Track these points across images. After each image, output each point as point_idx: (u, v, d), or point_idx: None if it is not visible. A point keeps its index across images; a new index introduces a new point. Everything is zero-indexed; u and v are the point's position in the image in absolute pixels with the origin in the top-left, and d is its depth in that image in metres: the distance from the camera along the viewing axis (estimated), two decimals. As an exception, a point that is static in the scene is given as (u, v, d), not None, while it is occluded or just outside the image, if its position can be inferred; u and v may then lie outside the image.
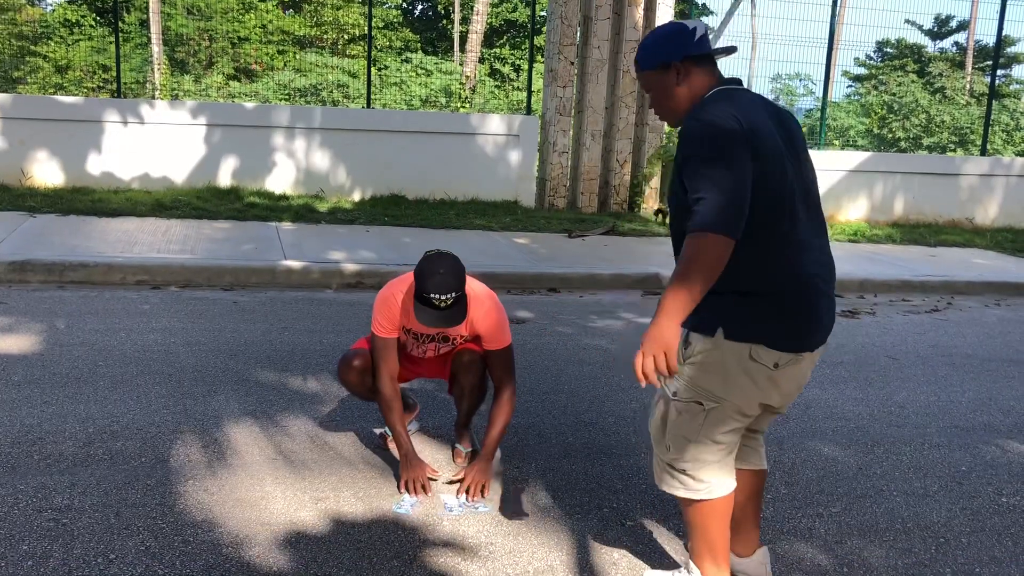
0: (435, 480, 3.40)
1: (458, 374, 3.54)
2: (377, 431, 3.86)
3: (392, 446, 3.74)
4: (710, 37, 2.53)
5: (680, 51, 2.44)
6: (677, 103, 2.49)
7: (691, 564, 2.68)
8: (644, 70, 2.51)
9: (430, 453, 3.75)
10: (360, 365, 3.50)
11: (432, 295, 3.12)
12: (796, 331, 2.43)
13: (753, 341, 2.38)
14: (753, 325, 2.38)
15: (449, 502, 3.29)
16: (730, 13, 12.74)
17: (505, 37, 27.18)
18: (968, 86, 25.82)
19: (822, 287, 2.46)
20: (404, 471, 3.35)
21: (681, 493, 2.56)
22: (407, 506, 3.24)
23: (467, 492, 3.30)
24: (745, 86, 2.53)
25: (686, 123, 2.38)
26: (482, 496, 3.32)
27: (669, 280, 2.27)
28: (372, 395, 3.56)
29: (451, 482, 3.43)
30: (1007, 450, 4.24)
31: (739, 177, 2.25)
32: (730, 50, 2.61)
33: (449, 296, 3.13)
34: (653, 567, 2.94)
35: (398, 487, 3.35)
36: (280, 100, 18.42)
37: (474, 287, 3.37)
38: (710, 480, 2.53)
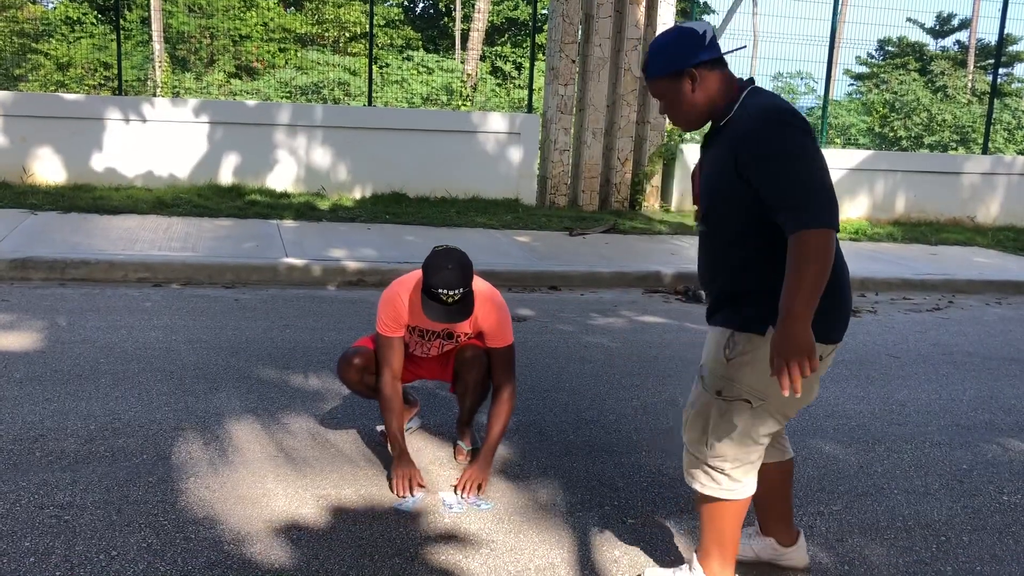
0: (424, 488, 3.38)
1: (461, 370, 3.54)
2: (378, 428, 3.87)
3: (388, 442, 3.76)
4: (712, 35, 2.52)
5: (693, 57, 2.42)
6: (693, 108, 2.48)
7: (695, 562, 2.69)
8: (655, 77, 2.48)
9: (431, 451, 3.75)
10: (360, 363, 3.51)
11: (440, 290, 3.14)
12: (836, 323, 2.48)
13: (816, 340, 2.34)
14: (828, 320, 2.41)
15: (448, 499, 3.29)
16: (731, 11, 12.74)
17: (506, 35, 27.16)
18: (970, 85, 25.80)
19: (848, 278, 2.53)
20: (396, 469, 3.35)
21: (714, 492, 2.56)
22: (410, 503, 3.24)
23: (464, 489, 3.31)
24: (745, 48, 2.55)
25: (750, 123, 2.35)
26: (478, 494, 3.32)
27: (787, 283, 2.25)
28: (372, 393, 3.57)
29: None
30: (1008, 448, 4.24)
31: (825, 168, 2.30)
32: (739, 49, 2.60)
33: (456, 292, 3.14)
34: (654, 565, 2.94)
35: (390, 487, 3.35)
36: (281, 98, 18.41)
37: (478, 285, 3.38)
38: (745, 480, 2.56)
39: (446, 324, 3.34)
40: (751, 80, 2.50)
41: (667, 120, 2.61)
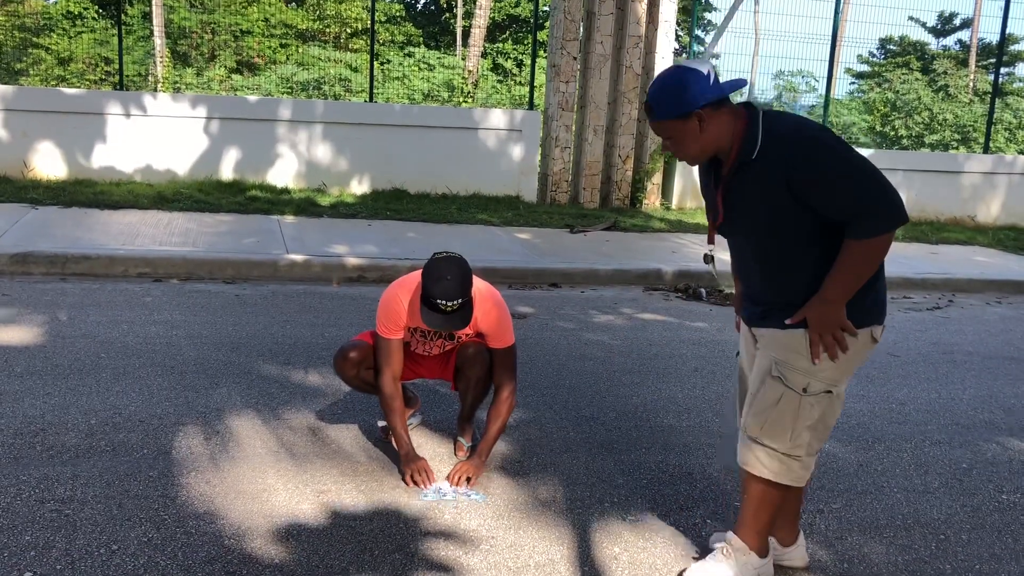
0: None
1: (463, 366, 3.55)
2: (380, 424, 3.87)
3: (390, 438, 3.76)
4: (716, 75, 2.56)
5: (700, 99, 2.46)
6: (699, 146, 2.55)
7: (734, 539, 2.76)
8: (660, 120, 2.53)
9: (432, 447, 3.76)
10: (357, 357, 3.51)
11: (438, 300, 3.15)
12: (886, 306, 2.67)
13: (875, 324, 2.60)
14: (874, 309, 2.59)
15: (443, 487, 3.32)
16: (733, 9, 12.72)
17: (508, 32, 27.12)
18: (971, 84, 25.78)
19: None
20: (405, 466, 3.37)
21: (786, 479, 2.67)
22: (432, 493, 3.27)
23: (454, 480, 3.34)
24: (747, 86, 2.61)
25: (791, 150, 2.42)
26: (468, 486, 3.34)
27: (838, 274, 2.45)
28: (369, 388, 3.59)
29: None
30: (1008, 448, 4.25)
31: (870, 165, 2.43)
32: (740, 85, 2.63)
33: (455, 302, 3.16)
34: (654, 561, 2.94)
35: (404, 480, 3.36)
36: (282, 94, 18.40)
37: (477, 286, 3.38)
38: (811, 467, 2.72)
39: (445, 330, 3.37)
40: (749, 104, 2.57)
41: None
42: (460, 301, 3.17)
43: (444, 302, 3.15)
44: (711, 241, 2.81)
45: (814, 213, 2.45)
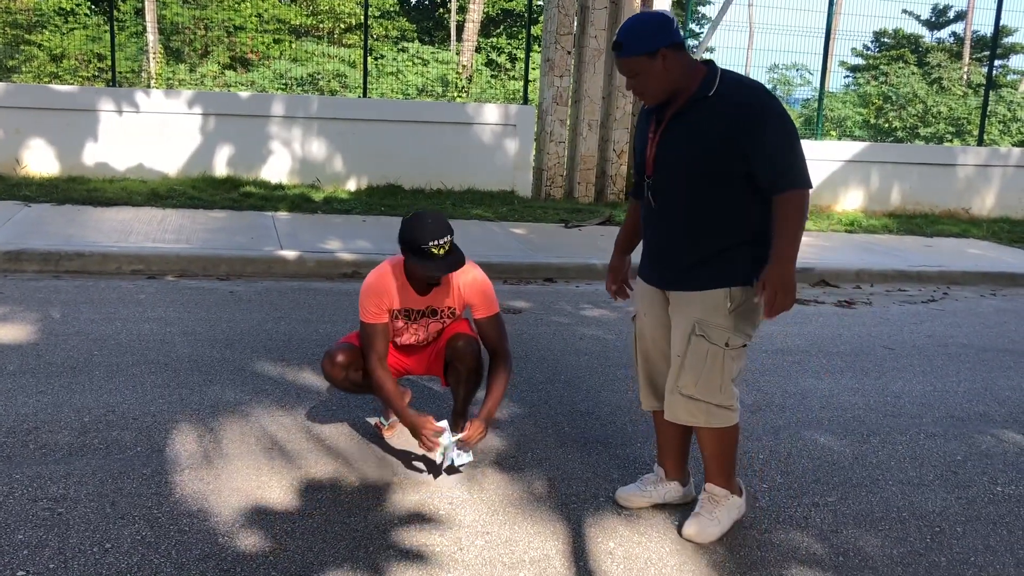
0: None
1: (454, 360, 3.53)
2: (372, 420, 3.86)
3: (387, 434, 3.76)
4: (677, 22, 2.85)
5: (666, 38, 2.74)
6: (660, 85, 2.79)
7: (712, 487, 3.08)
8: (629, 55, 2.77)
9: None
10: (344, 360, 3.50)
11: (431, 242, 3.20)
12: None
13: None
14: (764, 263, 2.82)
15: (444, 440, 3.32)
16: (727, 3, 12.68)
17: (502, 26, 27.08)
18: (965, 76, 25.80)
19: None
20: (416, 435, 3.34)
21: (727, 422, 2.98)
22: (452, 455, 3.30)
23: (457, 430, 3.36)
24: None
25: (743, 99, 2.73)
26: (466, 446, 3.34)
27: (781, 232, 2.74)
28: (358, 388, 3.60)
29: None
30: (1002, 440, 4.25)
31: (798, 134, 2.79)
32: (709, 52, 2.97)
33: (446, 239, 3.23)
34: (649, 556, 2.94)
35: (422, 447, 3.35)
36: (276, 89, 18.35)
37: None
38: (738, 407, 3.01)
39: (437, 300, 3.41)
40: (711, 62, 2.84)
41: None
42: (449, 238, 3.25)
43: (436, 241, 3.20)
44: (636, 192, 3.07)
45: (740, 160, 2.73)
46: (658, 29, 2.74)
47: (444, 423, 3.36)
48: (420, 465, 3.51)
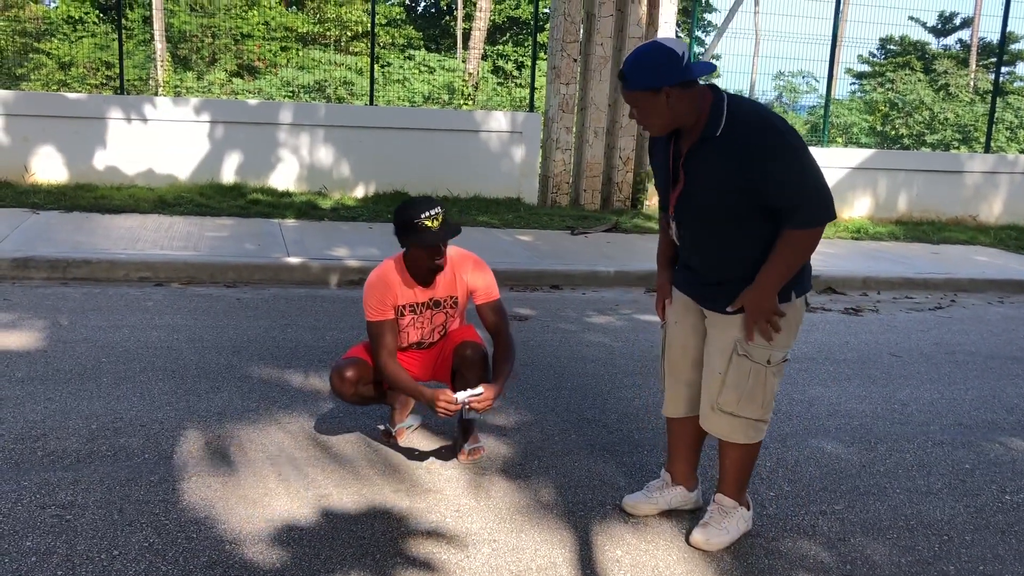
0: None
1: (462, 367, 3.54)
2: (380, 427, 3.86)
3: (395, 440, 3.76)
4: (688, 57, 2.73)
5: (672, 77, 2.66)
6: (662, 120, 2.75)
7: (723, 499, 3.09)
8: (632, 90, 2.72)
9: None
10: (353, 376, 3.51)
11: (423, 214, 3.29)
12: (810, 277, 2.99)
13: (806, 291, 2.94)
14: (806, 281, 2.93)
15: (460, 396, 3.34)
16: (733, 10, 12.71)
17: (508, 34, 27.14)
18: (972, 83, 25.76)
19: None
20: (433, 402, 3.33)
21: (761, 437, 3.02)
22: (463, 401, 3.32)
23: (474, 393, 3.34)
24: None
25: (752, 137, 2.65)
26: (478, 407, 3.35)
27: (772, 263, 2.75)
28: (367, 401, 3.63)
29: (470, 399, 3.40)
30: (1011, 448, 4.24)
31: (817, 166, 2.72)
32: (710, 69, 2.87)
33: (437, 211, 3.32)
34: (656, 564, 2.94)
35: (439, 414, 3.34)
36: (283, 97, 18.41)
37: (453, 249, 3.53)
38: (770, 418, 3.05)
39: (438, 264, 3.42)
40: (714, 86, 2.78)
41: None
42: (440, 211, 3.33)
43: (428, 213, 3.30)
44: (669, 208, 2.97)
45: (758, 197, 2.69)
46: (664, 66, 2.65)
47: (459, 395, 3.36)
48: (426, 448, 3.51)
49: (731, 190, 2.71)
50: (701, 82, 2.79)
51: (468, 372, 3.52)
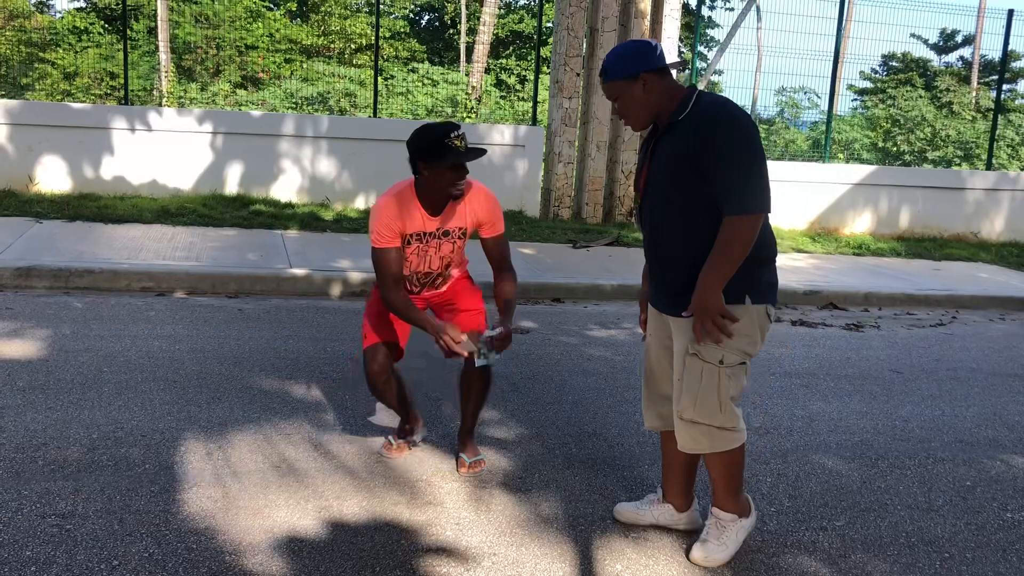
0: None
1: (469, 379, 3.59)
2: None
3: (394, 454, 3.76)
4: (661, 50, 2.92)
5: (648, 63, 2.83)
6: (642, 108, 2.88)
7: (719, 512, 3.07)
8: (611, 80, 2.88)
9: (434, 463, 3.75)
10: (384, 361, 3.53)
11: (452, 133, 3.26)
12: (776, 287, 2.99)
13: (770, 303, 2.92)
14: (767, 289, 2.90)
15: (473, 341, 3.37)
16: (736, 26, 12.74)
17: (511, 48, 27.24)
18: (974, 101, 25.82)
19: None
20: (438, 334, 3.32)
21: (730, 445, 2.95)
22: (484, 352, 3.34)
23: (490, 334, 3.39)
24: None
25: (708, 121, 2.74)
26: (500, 347, 3.39)
27: (713, 256, 2.75)
28: (384, 395, 3.61)
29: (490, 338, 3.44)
30: (1012, 465, 4.23)
31: (764, 159, 2.79)
32: (684, 64, 2.96)
33: (463, 131, 3.30)
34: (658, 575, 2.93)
35: (443, 346, 3.34)
36: (287, 108, 18.46)
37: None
38: (743, 427, 2.99)
39: (461, 186, 3.41)
40: (693, 87, 2.94)
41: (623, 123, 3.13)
42: (462, 130, 3.31)
43: (456, 132, 3.26)
44: (638, 197, 3.07)
45: (699, 171, 2.75)
46: (640, 54, 2.84)
47: (470, 337, 3.39)
48: (427, 462, 3.51)
49: (680, 160, 2.78)
50: (684, 85, 2.93)
51: (470, 385, 3.58)
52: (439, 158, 3.26)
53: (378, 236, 3.42)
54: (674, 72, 2.94)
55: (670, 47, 11.30)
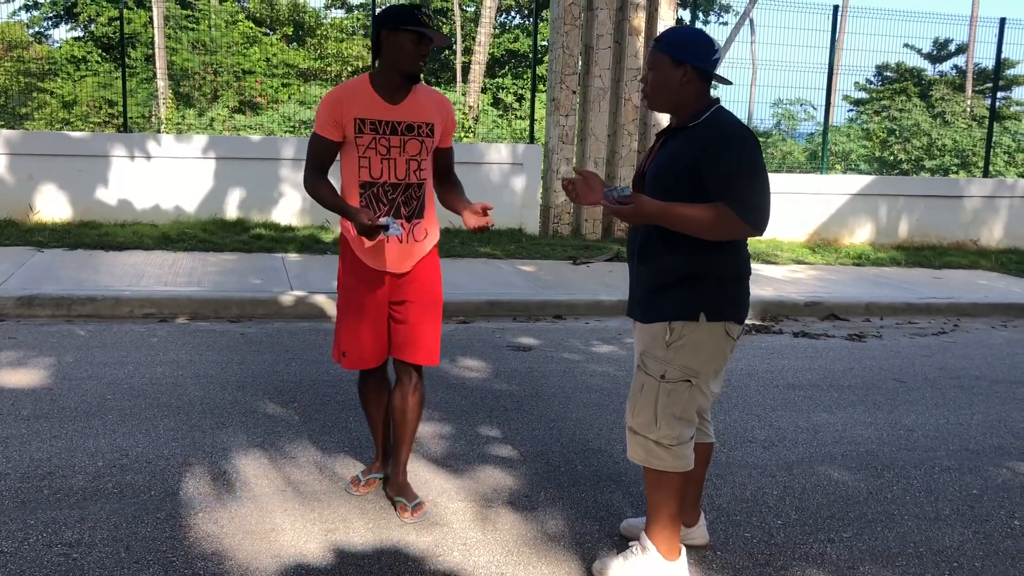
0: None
1: (399, 416, 3.45)
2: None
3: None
4: (719, 57, 2.89)
5: (697, 59, 2.80)
6: (668, 95, 2.85)
7: (645, 539, 2.92)
8: (659, 51, 2.84)
9: (439, 484, 3.74)
10: (377, 383, 3.54)
11: (420, 9, 3.14)
12: (747, 307, 2.93)
13: (731, 320, 2.85)
14: (728, 307, 2.84)
15: (387, 221, 3.24)
16: (729, 40, 12.83)
17: (507, 67, 27.36)
18: (969, 109, 25.90)
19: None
20: (360, 219, 3.17)
21: (663, 465, 2.86)
22: (393, 227, 3.26)
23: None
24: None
25: (720, 134, 2.74)
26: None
27: (682, 208, 2.71)
28: (373, 418, 3.61)
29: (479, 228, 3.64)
30: (1018, 472, 4.22)
31: (768, 182, 2.76)
32: (727, 81, 3.09)
33: (430, 12, 3.21)
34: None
35: (368, 235, 3.25)
36: (285, 132, 18.54)
37: (423, 86, 3.38)
38: (688, 455, 2.89)
39: (424, 66, 3.25)
40: (717, 100, 2.89)
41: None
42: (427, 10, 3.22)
43: (424, 10, 3.15)
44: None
45: (698, 191, 2.72)
46: (697, 46, 2.80)
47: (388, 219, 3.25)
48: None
49: (682, 164, 2.76)
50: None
51: (403, 427, 3.46)
52: (404, 22, 3.09)
53: (320, 121, 3.24)
54: (713, 85, 2.91)
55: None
